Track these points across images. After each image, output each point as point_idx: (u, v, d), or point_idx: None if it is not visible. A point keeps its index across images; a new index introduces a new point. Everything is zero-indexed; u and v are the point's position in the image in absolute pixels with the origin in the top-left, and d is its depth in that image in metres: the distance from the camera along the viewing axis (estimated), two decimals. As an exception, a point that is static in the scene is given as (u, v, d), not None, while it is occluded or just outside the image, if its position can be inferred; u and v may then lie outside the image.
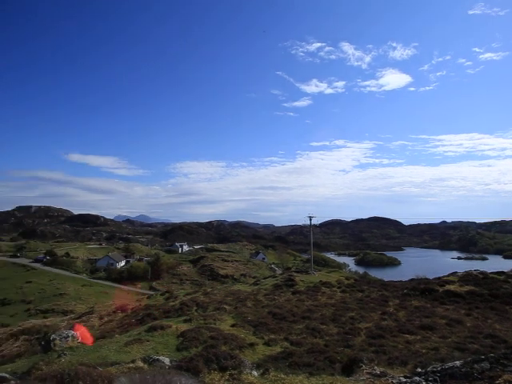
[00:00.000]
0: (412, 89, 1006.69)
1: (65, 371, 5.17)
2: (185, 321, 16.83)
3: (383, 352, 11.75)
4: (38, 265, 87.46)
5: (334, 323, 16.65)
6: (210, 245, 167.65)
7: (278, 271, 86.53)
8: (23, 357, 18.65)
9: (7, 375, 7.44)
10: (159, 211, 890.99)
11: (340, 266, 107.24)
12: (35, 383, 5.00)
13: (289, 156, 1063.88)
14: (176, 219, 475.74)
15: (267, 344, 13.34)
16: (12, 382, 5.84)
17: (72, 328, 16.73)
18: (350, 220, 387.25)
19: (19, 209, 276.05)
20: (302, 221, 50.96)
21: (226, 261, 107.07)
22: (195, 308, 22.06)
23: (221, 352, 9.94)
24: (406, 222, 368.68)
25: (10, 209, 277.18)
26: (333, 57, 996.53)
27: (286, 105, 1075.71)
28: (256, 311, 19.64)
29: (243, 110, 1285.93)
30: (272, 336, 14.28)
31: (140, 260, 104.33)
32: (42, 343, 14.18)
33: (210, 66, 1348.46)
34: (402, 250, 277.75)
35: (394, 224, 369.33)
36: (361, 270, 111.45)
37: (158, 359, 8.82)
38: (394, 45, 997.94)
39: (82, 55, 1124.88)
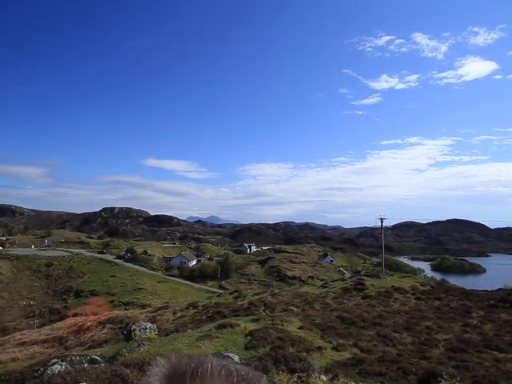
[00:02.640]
0: (498, 77, 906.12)
1: (145, 360, 5.65)
2: (253, 320, 17.12)
3: (466, 368, 10.72)
4: (120, 261, 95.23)
5: (408, 332, 15.67)
6: (277, 246, 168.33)
7: (347, 274, 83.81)
8: (109, 343, 20.56)
9: (98, 358, 8.27)
10: (228, 212, 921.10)
11: (414, 272, 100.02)
12: (121, 368, 5.49)
13: (358, 156, 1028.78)
14: (244, 220, 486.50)
15: (335, 349, 13.02)
16: (102, 364, 6.49)
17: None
18: (425, 222, 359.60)
19: (105, 210, 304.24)
20: (373, 222, 48.91)
21: (293, 262, 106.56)
22: (263, 308, 22.34)
23: (289, 353, 9.94)
24: (491, 225, 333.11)
25: (97, 210, 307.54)
26: (404, 49, 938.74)
27: (354, 103, 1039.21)
28: (324, 314, 19.29)
29: (310, 111, 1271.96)
30: (340, 341, 13.89)
31: (210, 259, 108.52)
32: (125, 332, 15.52)
33: (275, 67, 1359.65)
34: (488, 255, 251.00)
35: (478, 227, 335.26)
36: (438, 277, 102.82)
37: (228, 356, 9.11)
38: (476, 29, 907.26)
39: (145, 60, 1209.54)
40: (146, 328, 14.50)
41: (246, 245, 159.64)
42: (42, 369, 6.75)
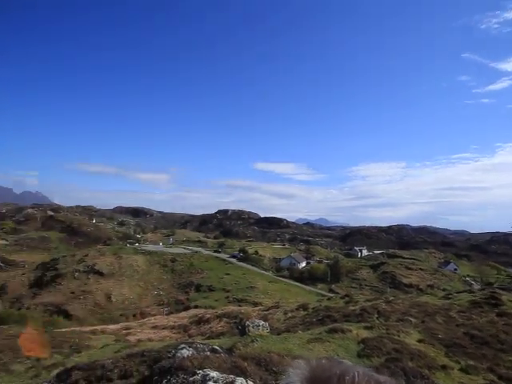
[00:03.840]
0: None
1: (261, 355, 5.91)
2: (365, 327, 16.34)
3: None
4: (233, 260, 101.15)
5: None
6: (391, 250, 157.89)
7: (476, 286, 73.59)
8: (225, 335, 22.12)
9: (218, 348, 8.98)
10: (338, 214, 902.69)
11: None
12: (239, 360, 5.85)
13: (484, 151, 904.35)
14: (354, 223, 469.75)
15: (465, 371, 11.50)
16: (222, 354, 7.02)
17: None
18: None
19: (219, 212, 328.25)
20: (508, 227, 42.35)
21: (409, 269, 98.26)
22: (376, 316, 21.17)
23: (409, 368, 9.19)
24: None
25: (213, 212, 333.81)
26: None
27: (477, 90, 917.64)
28: (448, 329, 17.28)
29: (423, 104, 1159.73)
30: (471, 362, 12.22)
31: (320, 262, 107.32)
32: (239, 327, 16.46)
33: (385, 59, 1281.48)
34: None
35: None
36: None
37: (342, 362, 8.87)
38: None
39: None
40: (259, 325, 15.08)
41: (356, 248, 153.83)
42: (173, 351, 7.69)
